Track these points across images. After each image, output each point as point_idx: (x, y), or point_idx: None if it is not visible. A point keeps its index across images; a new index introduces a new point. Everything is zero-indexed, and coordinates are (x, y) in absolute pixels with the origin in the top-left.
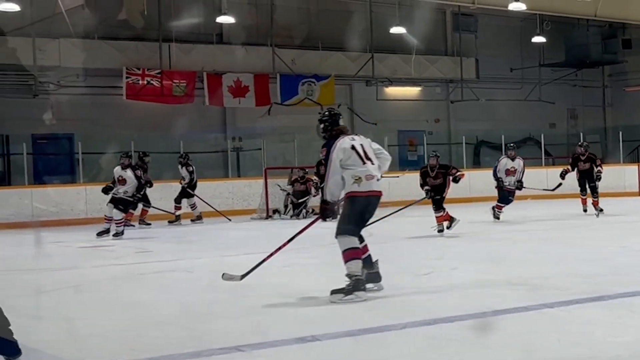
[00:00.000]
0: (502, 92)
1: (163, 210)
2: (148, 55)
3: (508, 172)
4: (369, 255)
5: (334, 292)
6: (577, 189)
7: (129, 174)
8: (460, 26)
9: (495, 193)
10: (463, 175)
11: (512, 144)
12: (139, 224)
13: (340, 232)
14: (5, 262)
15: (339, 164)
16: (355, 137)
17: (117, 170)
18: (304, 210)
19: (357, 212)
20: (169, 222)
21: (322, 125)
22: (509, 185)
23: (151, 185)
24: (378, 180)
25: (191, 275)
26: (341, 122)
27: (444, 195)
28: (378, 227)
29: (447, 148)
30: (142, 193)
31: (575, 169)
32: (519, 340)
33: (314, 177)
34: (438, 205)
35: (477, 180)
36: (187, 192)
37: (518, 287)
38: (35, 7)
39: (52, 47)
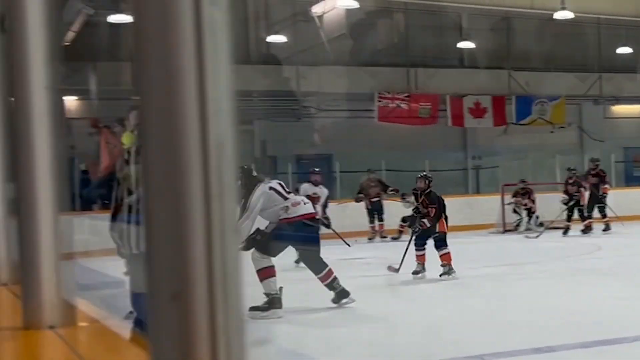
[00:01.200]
0: None
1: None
2: (397, 80)
3: None
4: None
5: (251, 308)
6: None
7: (324, 190)
8: None
9: None
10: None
11: None
12: (380, 237)
13: (250, 251)
14: None
15: (258, 208)
16: (272, 182)
17: (308, 187)
18: (531, 222)
19: (280, 236)
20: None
21: (240, 183)
22: None
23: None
24: (306, 204)
25: (436, 286)
26: (254, 174)
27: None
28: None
29: None
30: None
31: None
32: None
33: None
34: (440, 242)
35: None
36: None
37: None
38: (299, 38)
39: (314, 74)
